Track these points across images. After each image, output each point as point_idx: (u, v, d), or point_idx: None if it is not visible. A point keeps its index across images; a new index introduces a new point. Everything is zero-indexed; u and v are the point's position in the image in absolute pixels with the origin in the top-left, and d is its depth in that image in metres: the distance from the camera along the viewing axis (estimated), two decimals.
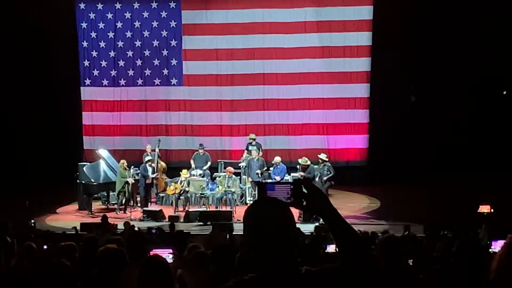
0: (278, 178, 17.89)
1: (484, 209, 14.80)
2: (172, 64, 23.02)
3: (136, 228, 13.78)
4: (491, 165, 20.10)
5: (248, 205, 2.77)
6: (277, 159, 18.56)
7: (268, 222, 2.58)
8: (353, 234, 2.66)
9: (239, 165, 19.41)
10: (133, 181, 18.15)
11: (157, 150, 19.37)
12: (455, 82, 21.26)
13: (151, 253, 5.94)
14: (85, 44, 23.22)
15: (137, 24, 23.04)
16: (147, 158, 18.65)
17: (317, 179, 17.24)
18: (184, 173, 18.34)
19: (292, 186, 2.72)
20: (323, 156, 17.97)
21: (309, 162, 17.81)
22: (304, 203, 2.70)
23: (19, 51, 21.95)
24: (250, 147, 19.49)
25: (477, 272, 4.56)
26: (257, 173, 18.48)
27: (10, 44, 21.79)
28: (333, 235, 2.70)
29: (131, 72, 23.19)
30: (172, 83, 23.10)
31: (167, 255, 6.28)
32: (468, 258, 4.64)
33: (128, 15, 23.05)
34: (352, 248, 2.63)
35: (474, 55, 21.02)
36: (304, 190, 2.69)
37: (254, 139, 19.74)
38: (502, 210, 14.75)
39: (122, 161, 18.37)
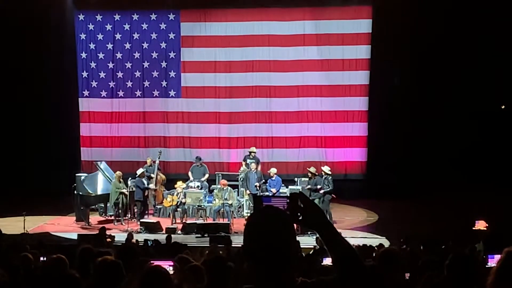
0: (274, 190, 18.00)
1: (480, 225, 14.90)
2: (171, 76, 23.04)
3: (133, 240, 13.80)
4: (490, 180, 20.04)
5: (250, 214, 2.77)
6: (273, 170, 18.61)
7: (270, 232, 2.57)
8: (347, 248, 2.64)
9: (237, 177, 19.38)
10: (127, 193, 18.04)
11: (157, 161, 19.38)
12: (453, 96, 21.26)
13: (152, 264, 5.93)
14: (83, 55, 23.21)
15: (136, 35, 23.05)
16: (139, 171, 18.57)
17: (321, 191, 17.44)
18: (179, 184, 18.33)
19: (288, 200, 2.72)
20: (326, 169, 18.02)
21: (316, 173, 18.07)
22: (300, 217, 2.70)
23: (17, 62, 21.89)
24: (248, 160, 19.38)
25: (469, 285, 4.55)
26: (256, 186, 18.46)
27: (9, 54, 21.76)
28: (328, 249, 2.69)
29: (129, 84, 23.19)
30: (171, 95, 23.09)
31: (167, 266, 6.27)
32: (461, 271, 4.62)
33: (127, 26, 23.07)
34: (347, 262, 2.62)
35: (473, 68, 21.02)
36: (300, 204, 2.69)
37: (255, 152, 19.63)
38: (498, 226, 14.76)
39: (117, 172, 18.36)
